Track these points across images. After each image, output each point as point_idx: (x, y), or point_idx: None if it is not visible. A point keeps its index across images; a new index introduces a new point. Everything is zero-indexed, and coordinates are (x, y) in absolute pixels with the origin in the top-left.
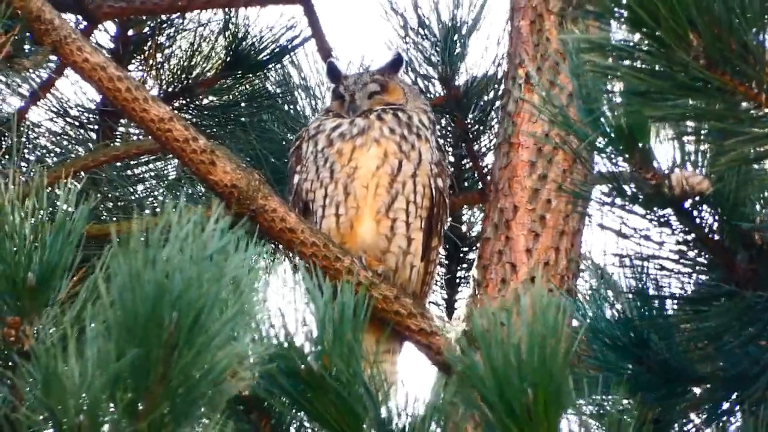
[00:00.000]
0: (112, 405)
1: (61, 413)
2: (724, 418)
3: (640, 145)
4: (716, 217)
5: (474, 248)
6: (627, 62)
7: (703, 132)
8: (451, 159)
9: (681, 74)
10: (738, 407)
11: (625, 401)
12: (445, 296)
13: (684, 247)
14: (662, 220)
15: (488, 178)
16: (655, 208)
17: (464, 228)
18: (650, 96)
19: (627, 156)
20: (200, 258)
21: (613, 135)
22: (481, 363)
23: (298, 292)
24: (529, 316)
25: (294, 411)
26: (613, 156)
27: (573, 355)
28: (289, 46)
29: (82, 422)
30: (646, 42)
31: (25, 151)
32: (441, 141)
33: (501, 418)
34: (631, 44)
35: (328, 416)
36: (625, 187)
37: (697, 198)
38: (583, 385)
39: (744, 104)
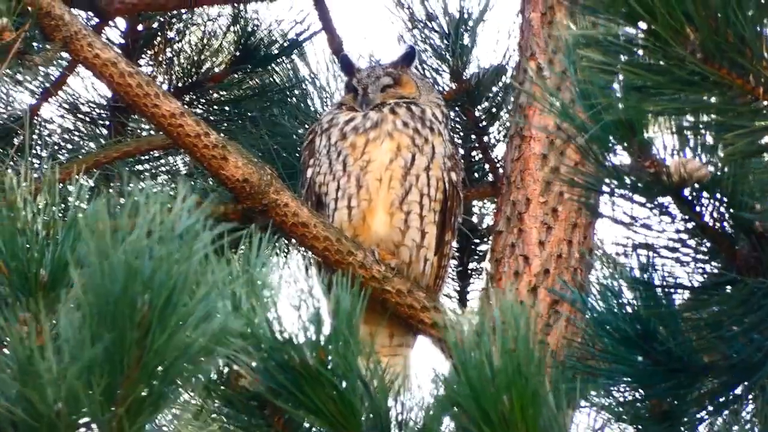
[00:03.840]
0: (89, 391)
1: (39, 403)
2: (733, 407)
3: (639, 134)
4: (716, 205)
5: (485, 240)
6: (624, 57)
7: (701, 126)
8: (462, 151)
9: (678, 68)
10: (747, 395)
11: (635, 394)
12: (458, 288)
13: (685, 236)
14: (662, 208)
15: (499, 170)
16: (654, 197)
17: (475, 220)
18: (648, 91)
19: (626, 145)
20: (169, 237)
21: (611, 126)
22: (455, 370)
23: (296, 286)
24: (501, 324)
25: (291, 406)
26: (613, 146)
27: (561, 348)
28: (299, 40)
29: (61, 410)
30: (643, 37)
31: (38, 147)
32: (453, 134)
33: (478, 425)
34: (628, 39)
35: (326, 411)
36: (625, 176)
37: (696, 185)
38: (593, 378)
39: (741, 98)
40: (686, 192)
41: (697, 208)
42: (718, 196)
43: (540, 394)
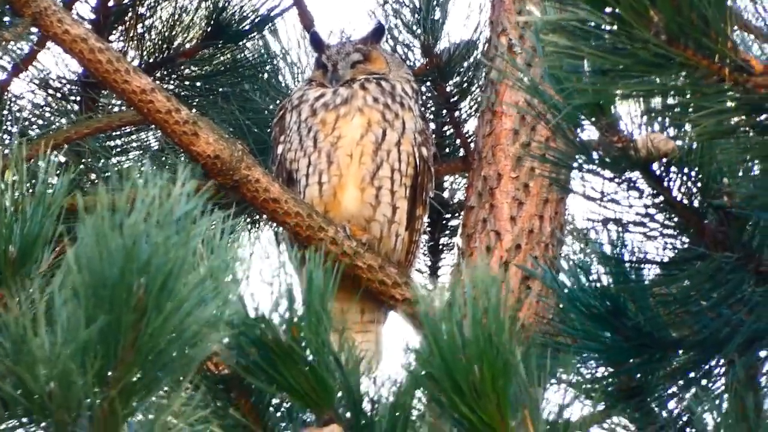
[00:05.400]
0: (82, 372)
1: (32, 382)
2: (703, 383)
3: (607, 109)
4: (684, 180)
5: (457, 215)
6: (589, 42)
7: (668, 108)
8: (433, 126)
9: (643, 51)
10: (715, 370)
11: (604, 370)
12: (429, 263)
13: (653, 210)
14: (631, 183)
15: (471, 145)
16: (622, 171)
17: (446, 195)
18: (615, 74)
19: (594, 120)
20: (167, 222)
21: (580, 104)
22: (426, 342)
23: (268, 261)
24: (472, 293)
25: (264, 383)
26: (581, 122)
27: (531, 324)
28: (271, 15)
29: (53, 390)
30: (607, 20)
31: (8, 123)
32: (424, 110)
33: (449, 396)
34: (593, 23)
35: (298, 387)
36: (594, 152)
37: (664, 160)
38: (562, 355)
39: (707, 79)
40: (654, 167)
41: (665, 183)
42: (686, 171)
43: (511, 364)
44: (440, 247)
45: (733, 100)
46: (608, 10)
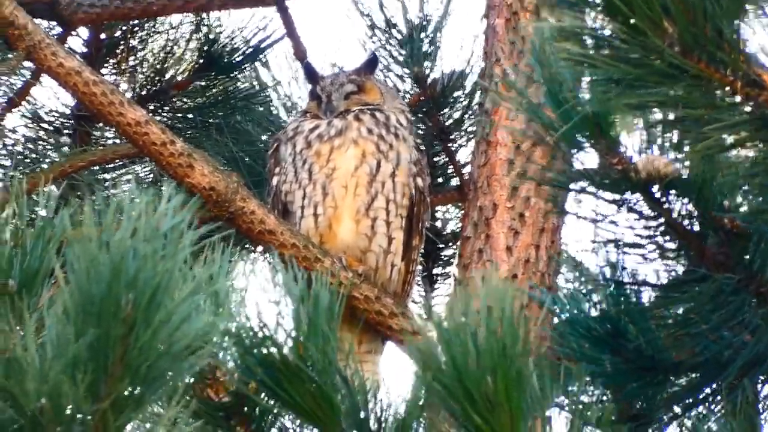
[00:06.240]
0: (73, 387)
1: (22, 397)
2: (703, 406)
3: (607, 131)
4: (684, 202)
5: (450, 245)
6: (602, 51)
7: (676, 120)
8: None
9: (656, 62)
10: (716, 394)
11: (604, 395)
12: (423, 293)
13: (653, 232)
14: (630, 205)
15: (465, 175)
16: (623, 194)
17: (439, 224)
18: (626, 84)
19: (593, 142)
20: (154, 236)
21: (579, 124)
22: (440, 352)
23: (274, 284)
24: (486, 304)
25: (271, 402)
26: (581, 144)
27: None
28: (262, 46)
29: (44, 405)
30: (621, 29)
31: (2, 157)
32: (419, 140)
33: (462, 406)
34: (607, 32)
35: (305, 405)
36: (594, 174)
37: (664, 182)
38: (564, 378)
39: (719, 91)
40: (654, 189)
41: (666, 205)
42: (687, 193)
43: (524, 375)
44: (434, 277)
45: (743, 114)
46: (622, 19)
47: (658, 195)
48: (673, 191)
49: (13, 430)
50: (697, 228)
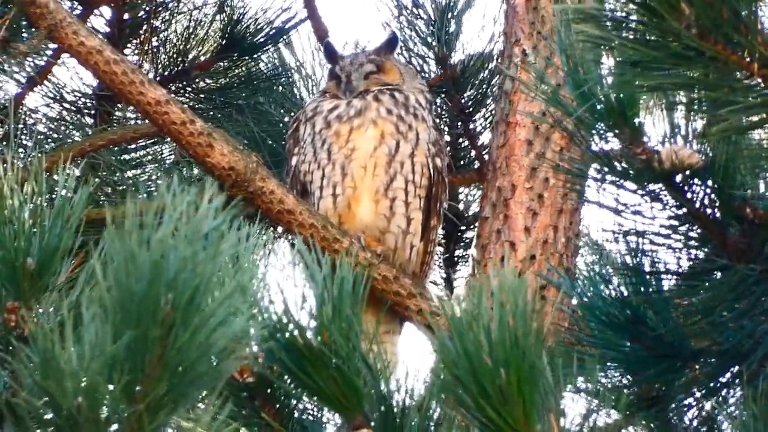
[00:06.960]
0: (110, 387)
1: (60, 396)
2: (723, 393)
3: (631, 121)
4: (707, 191)
5: (472, 227)
6: (620, 33)
7: (694, 103)
8: (448, 138)
9: (673, 44)
10: (736, 381)
11: (623, 379)
12: (444, 275)
13: (676, 222)
14: (653, 195)
15: (485, 157)
16: (646, 183)
17: (461, 207)
18: (644, 66)
19: (617, 132)
20: (195, 238)
21: (603, 111)
22: (453, 345)
23: (297, 268)
24: (499, 297)
25: (294, 387)
26: (603, 132)
27: (549, 333)
28: (285, 28)
29: (81, 404)
30: (639, 11)
31: (23, 136)
32: (438, 121)
33: (476, 400)
34: (625, 14)
35: (328, 391)
36: (616, 163)
37: (687, 172)
38: (582, 364)
39: (736, 73)
40: (678, 179)
41: (689, 195)
42: (710, 182)
43: (537, 368)
44: (455, 259)
45: (760, 95)
46: (640, 1)
47: (681, 185)
48: (696, 181)
49: (48, 428)
50: (719, 217)
